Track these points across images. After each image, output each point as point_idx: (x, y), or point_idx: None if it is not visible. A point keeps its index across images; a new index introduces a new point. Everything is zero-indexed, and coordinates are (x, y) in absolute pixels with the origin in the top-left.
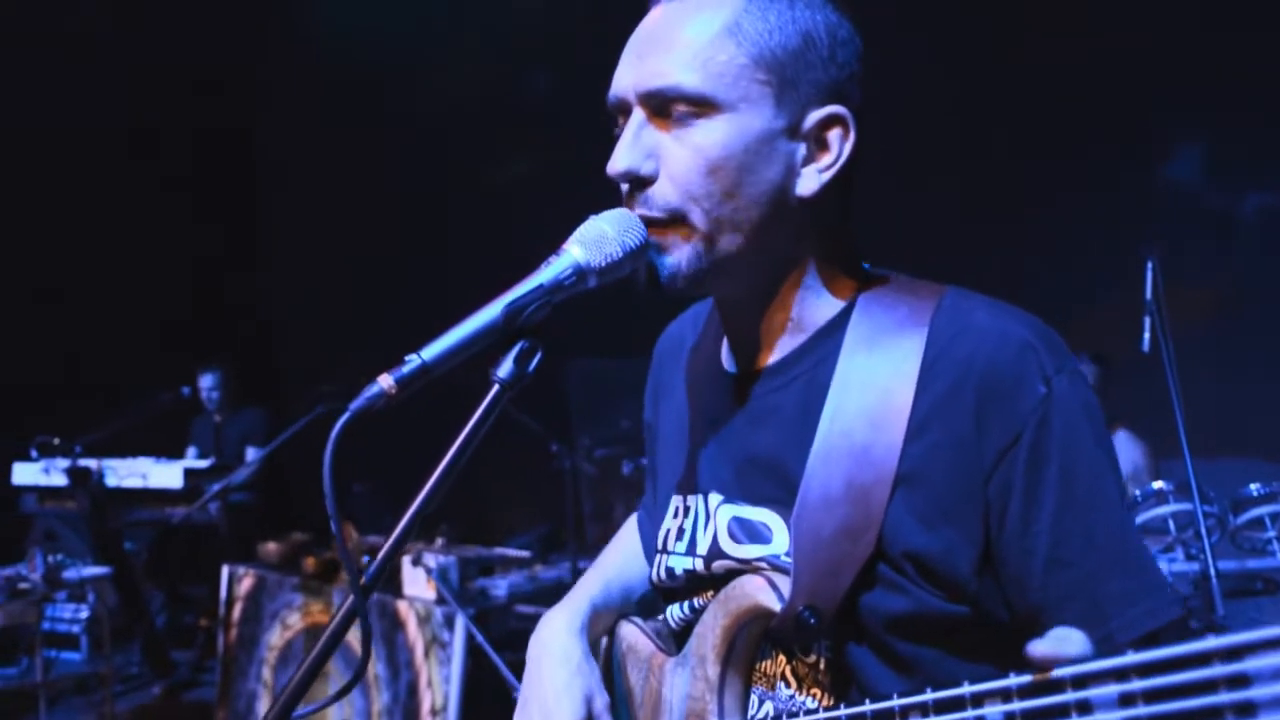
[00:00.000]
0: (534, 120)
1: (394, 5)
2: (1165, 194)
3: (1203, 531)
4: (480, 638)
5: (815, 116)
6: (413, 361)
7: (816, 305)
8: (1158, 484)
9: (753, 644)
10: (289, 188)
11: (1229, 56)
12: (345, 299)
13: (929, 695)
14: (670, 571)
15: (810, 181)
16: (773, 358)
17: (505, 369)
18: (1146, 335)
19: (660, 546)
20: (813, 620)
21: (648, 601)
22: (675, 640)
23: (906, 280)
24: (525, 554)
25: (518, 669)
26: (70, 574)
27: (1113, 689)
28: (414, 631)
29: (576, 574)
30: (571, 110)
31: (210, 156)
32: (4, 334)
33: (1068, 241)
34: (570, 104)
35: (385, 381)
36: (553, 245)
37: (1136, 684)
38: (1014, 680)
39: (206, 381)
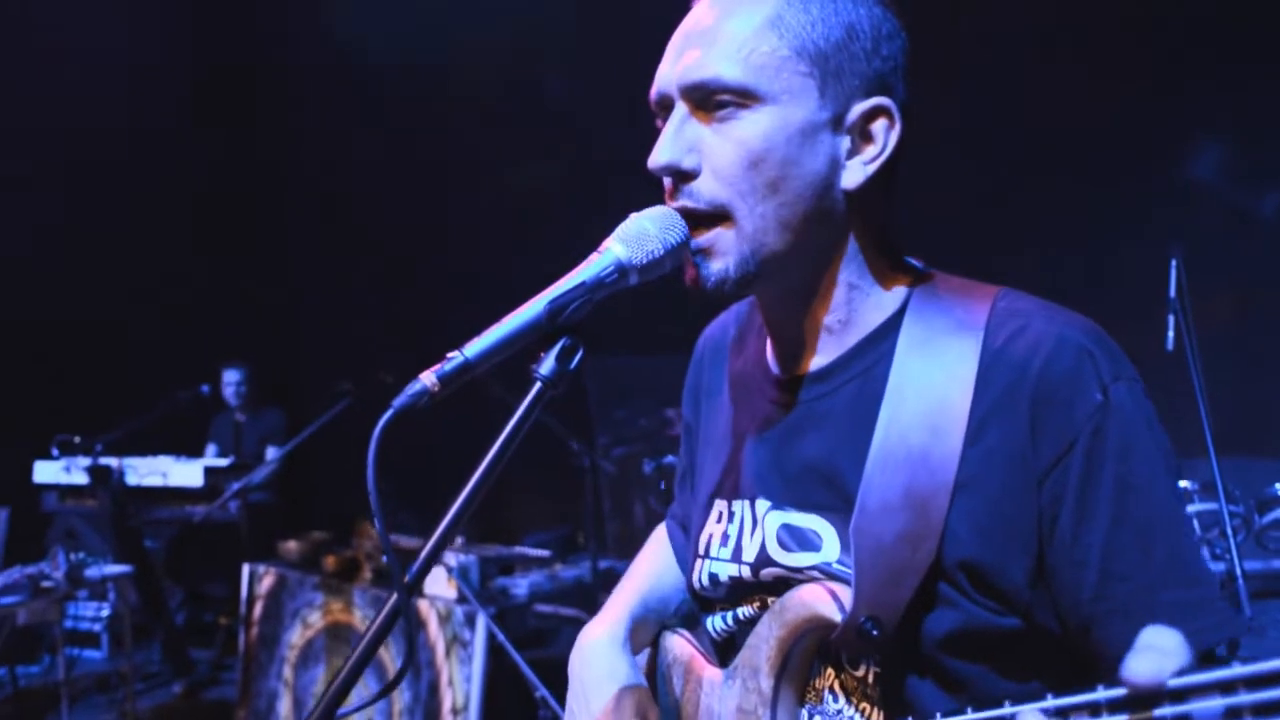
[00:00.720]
0: (552, 120)
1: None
2: (1188, 194)
3: (1228, 531)
4: (501, 636)
5: (860, 109)
6: (455, 359)
7: (866, 305)
8: (1183, 484)
9: (808, 656)
10: (309, 186)
11: (1253, 54)
12: (363, 299)
13: (1007, 709)
14: (714, 578)
15: (855, 174)
16: (822, 361)
17: (547, 366)
18: (1170, 334)
19: (701, 551)
20: (875, 631)
21: (685, 612)
22: (716, 651)
23: (957, 281)
24: (545, 553)
25: (538, 667)
26: (92, 572)
27: (1218, 703)
28: (435, 630)
29: (596, 573)
30: (590, 111)
31: (231, 155)
32: (25, 333)
33: (1091, 240)
34: (589, 105)
35: (428, 379)
36: (569, 244)
37: (1244, 697)
38: (1103, 694)
39: (233, 377)
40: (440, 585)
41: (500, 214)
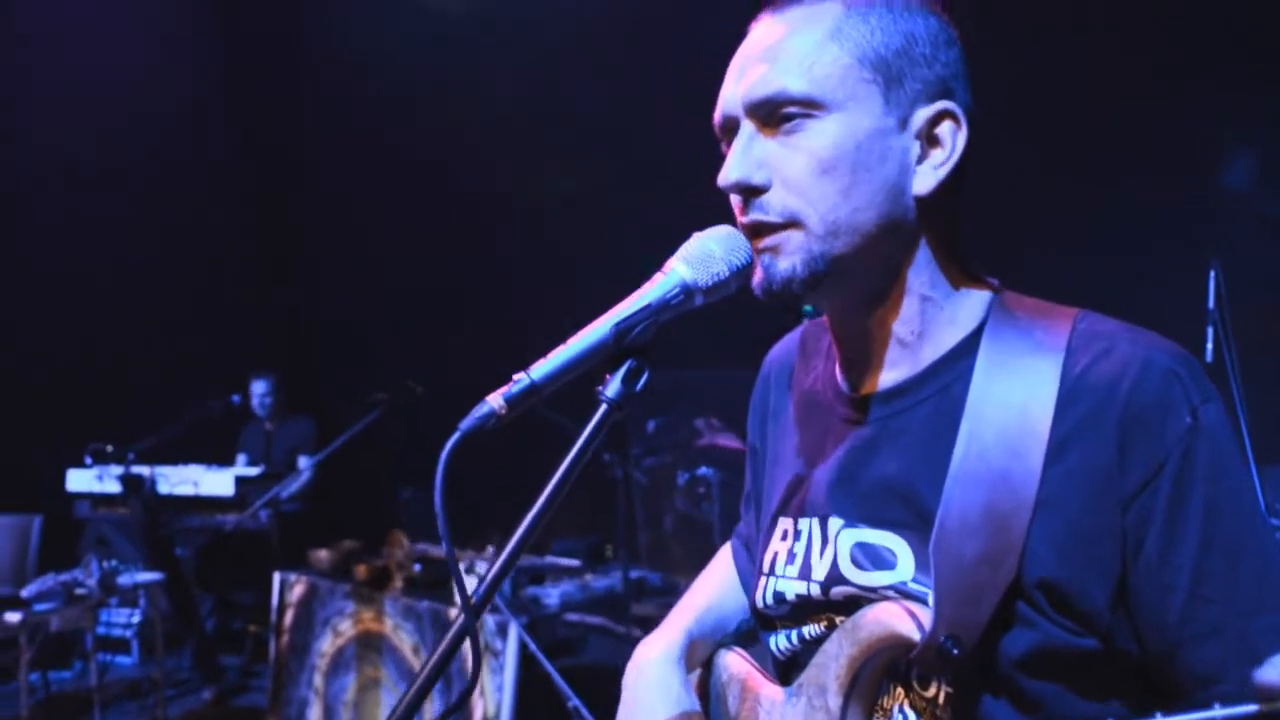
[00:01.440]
0: (576, 135)
1: (435, 19)
2: (1226, 203)
3: None
4: (533, 646)
5: (925, 113)
6: (521, 381)
7: (940, 319)
8: None
9: (878, 675)
10: (335, 199)
11: None
12: (389, 310)
13: None
14: (779, 596)
15: (927, 179)
16: (896, 377)
17: (613, 388)
18: (1210, 345)
19: (766, 569)
20: (955, 650)
21: (743, 631)
22: (778, 670)
23: (1032, 301)
24: (576, 563)
25: (569, 676)
26: (124, 580)
27: None
28: (466, 640)
29: (628, 583)
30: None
31: (258, 168)
32: (59, 343)
33: (1127, 249)
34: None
35: (495, 401)
36: (596, 256)
37: None
38: (1219, 712)
39: (260, 388)
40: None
41: (528, 227)
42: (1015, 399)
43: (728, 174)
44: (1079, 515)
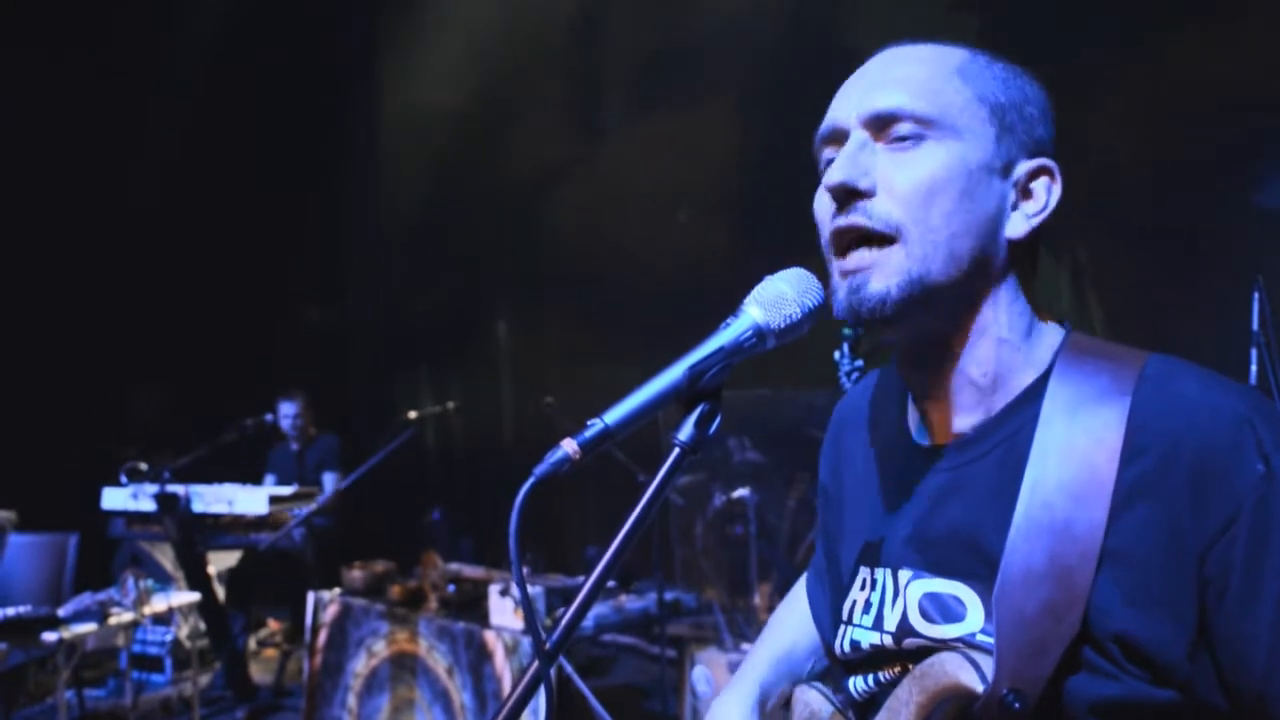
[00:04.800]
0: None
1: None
2: (1267, 224)
3: None
4: (569, 668)
5: (1026, 166)
6: (596, 426)
7: (1014, 363)
8: None
9: None
10: (367, 219)
11: None
12: (418, 329)
13: None
14: (855, 645)
15: (1020, 224)
16: (967, 423)
17: (686, 432)
18: (1254, 368)
19: (845, 618)
20: (1017, 704)
21: (819, 671)
22: (856, 710)
23: (1104, 343)
24: (610, 584)
25: (603, 698)
26: (158, 598)
27: None
28: (501, 661)
29: (663, 605)
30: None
31: (290, 189)
32: (96, 363)
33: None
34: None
35: (570, 447)
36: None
37: None
38: None
39: (288, 409)
40: (507, 616)
41: (551, 249)
42: (1080, 446)
43: (834, 175)
44: (1150, 566)
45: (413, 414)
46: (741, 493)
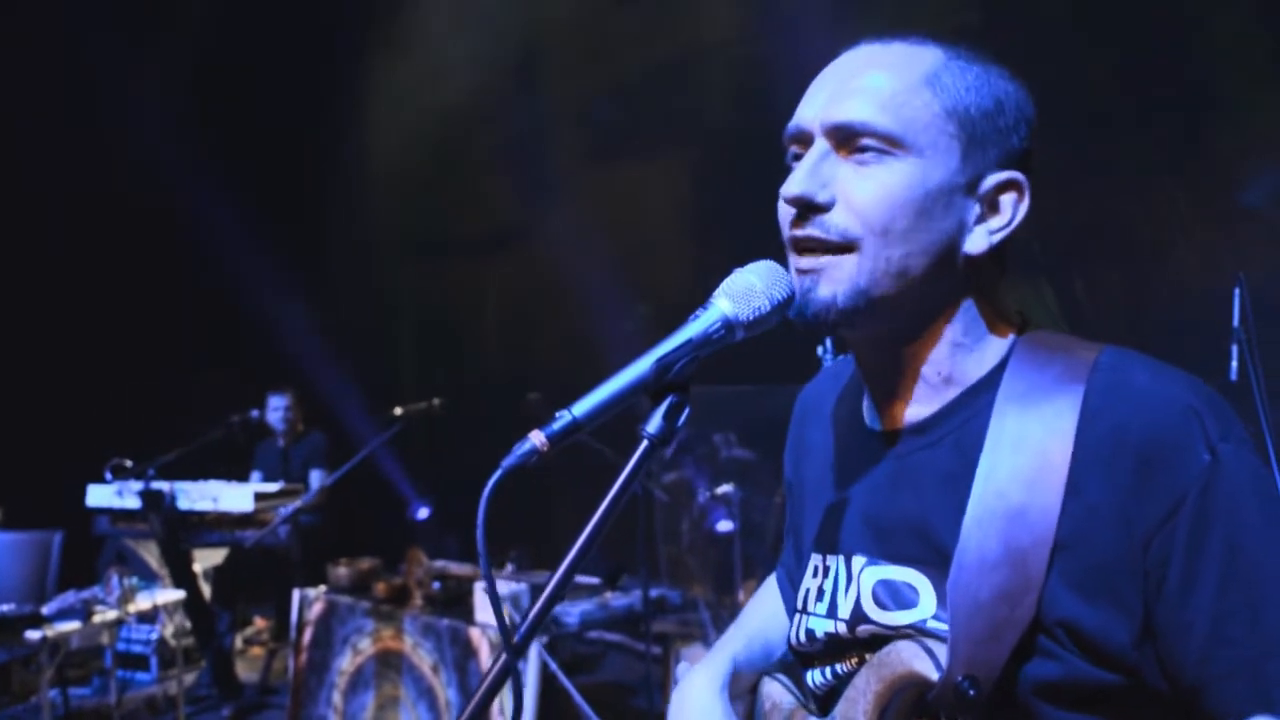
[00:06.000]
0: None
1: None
2: (1248, 219)
3: None
4: (554, 665)
5: (994, 179)
6: (564, 418)
7: (967, 361)
8: None
9: (905, 711)
10: (352, 218)
11: None
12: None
13: None
14: (810, 634)
15: (980, 241)
16: (919, 413)
17: (655, 424)
18: (1234, 364)
19: (800, 606)
20: (972, 691)
21: (789, 660)
22: (817, 703)
23: (1061, 337)
24: (595, 580)
25: (589, 695)
26: (143, 596)
27: None
28: (486, 658)
29: (648, 601)
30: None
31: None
32: (80, 358)
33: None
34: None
35: (537, 438)
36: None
37: None
38: None
39: (278, 403)
40: (492, 613)
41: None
42: (1033, 435)
43: (792, 187)
44: (1099, 554)
45: (399, 410)
46: (725, 489)
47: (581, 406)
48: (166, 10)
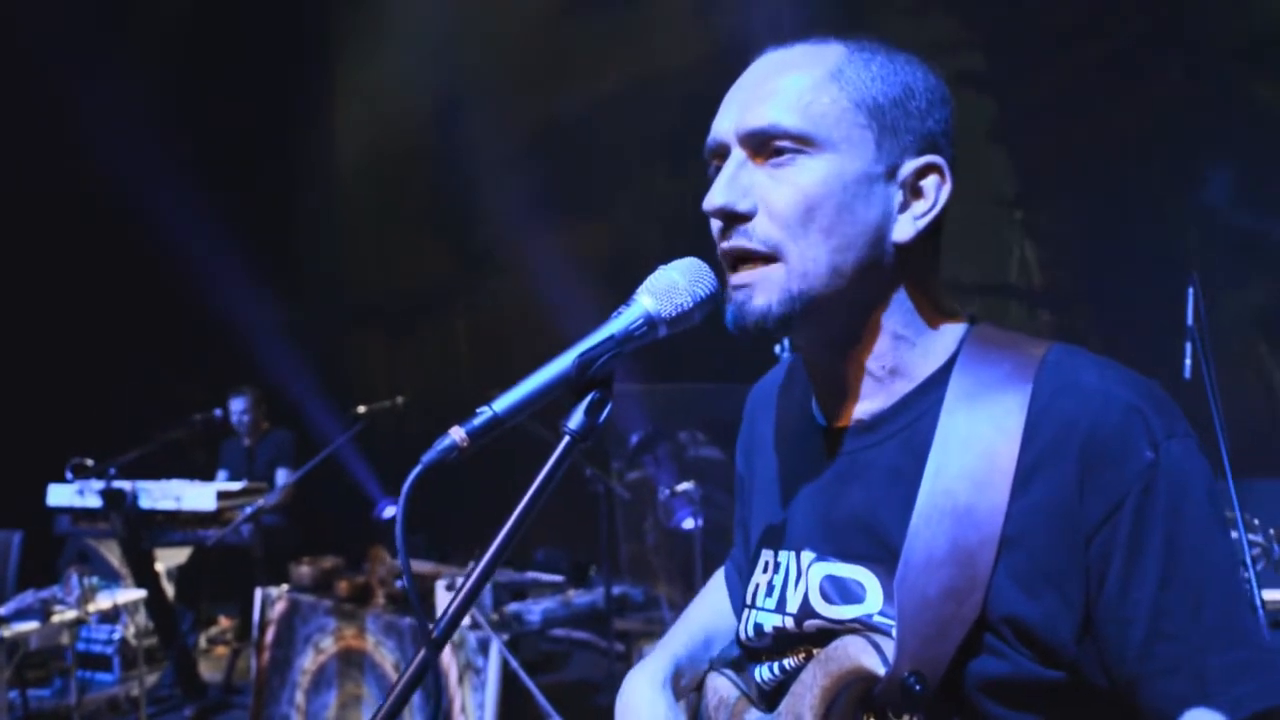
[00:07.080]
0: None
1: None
2: (1202, 220)
3: (1248, 560)
4: (515, 663)
5: (912, 165)
6: (484, 414)
7: (913, 355)
8: None
9: (851, 706)
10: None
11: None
12: (374, 326)
13: None
14: (759, 629)
15: (906, 228)
16: (868, 409)
17: (576, 420)
18: (1188, 362)
19: (749, 601)
20: (918, 687)
21: (733, 656)
22: (763, 698)
23: (1009, 334)
24: (558, 578)
25: (551, 694)
26: (104, 596)
27: None
28: (448, 657)
29: (610, 599)
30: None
31: (246, 184)
32: (40, 357)
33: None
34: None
35: (457, 434)
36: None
37: None
38: None
39: (237, 405)
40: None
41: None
42: (981, 433)
43: (713, 199)
44: (1043, 551)
45: (362, 409)
46: (686, 486)
47: (503, 402)
48: (130, 10)
